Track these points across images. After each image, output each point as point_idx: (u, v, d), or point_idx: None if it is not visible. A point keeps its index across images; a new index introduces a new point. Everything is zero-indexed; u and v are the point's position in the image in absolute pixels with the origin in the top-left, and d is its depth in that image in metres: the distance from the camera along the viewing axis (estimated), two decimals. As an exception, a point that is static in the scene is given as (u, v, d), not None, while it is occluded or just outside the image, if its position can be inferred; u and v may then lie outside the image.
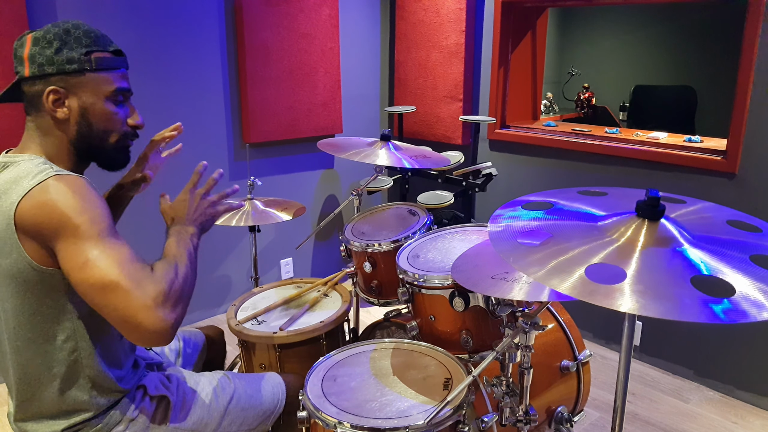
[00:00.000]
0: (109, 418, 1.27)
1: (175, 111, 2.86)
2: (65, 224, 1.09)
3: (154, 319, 1.06)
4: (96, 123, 1.24)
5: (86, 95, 1.22)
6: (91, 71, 1.21)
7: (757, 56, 2.21)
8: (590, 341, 2.94)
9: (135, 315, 1.05)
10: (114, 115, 1.26)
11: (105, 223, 1.13)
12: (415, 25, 3.39)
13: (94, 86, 1.22)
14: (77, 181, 1.14)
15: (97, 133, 1.25)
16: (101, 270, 1.07)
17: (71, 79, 1.20)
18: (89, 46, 1.21)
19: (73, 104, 1.22)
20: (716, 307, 0.81)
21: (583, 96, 4.71)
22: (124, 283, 1.06)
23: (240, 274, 3.29)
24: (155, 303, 1.07)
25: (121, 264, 1.08)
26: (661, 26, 4.96)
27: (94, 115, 1.23)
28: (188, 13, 2.82)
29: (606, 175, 2.76)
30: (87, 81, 1.21)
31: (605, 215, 1.06)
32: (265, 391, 1.50)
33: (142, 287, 1.07)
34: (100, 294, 1.07)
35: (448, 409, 1.25)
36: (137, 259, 1.12)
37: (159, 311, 1.07)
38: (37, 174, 1.13)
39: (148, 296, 1.06)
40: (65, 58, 1.18)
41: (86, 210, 1.11)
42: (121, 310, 1.06)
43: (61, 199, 1.10)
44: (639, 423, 2.31)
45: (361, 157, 1.93)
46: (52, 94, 1.19)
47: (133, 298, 1.05)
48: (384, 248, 1.84)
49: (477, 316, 1.52)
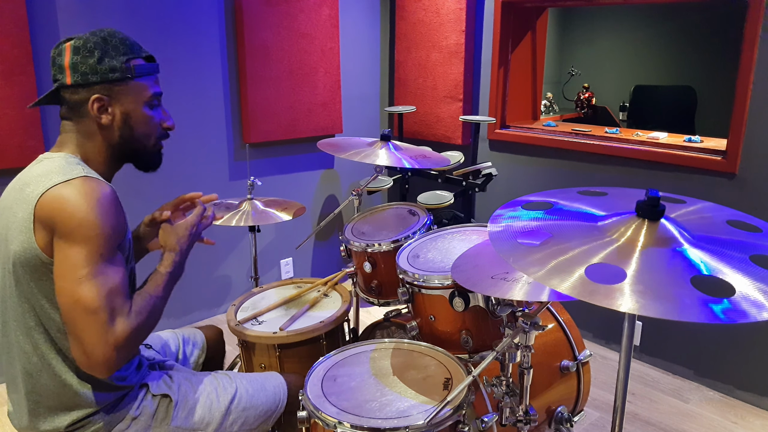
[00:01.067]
0: (111, 416, 1.27)
1: (175, 111, 2.86)
2: (78, 230, 1.12)
3: (108, 358, 1.11)
4: (137, 127, 1.31)
5: (128, 102, 1.28)
6: (132, 79, 1.27)
7: (757, 56, 2.21)
8: (590, 341, 2.94)
9: (94, 345, 1.10)
10: (152, 119, 1.34)
11: (113, 243, 1.17)
12: (415, 25, 3.39)
13: (135, 93, 1.29)
14: (105, 190, 1.18)
15: (138, 137, 1.33)
16: (90, 292, 1.11)
17: (114, 87, 1.26)
18: (127, 54, 1.27)
19: (116, 111, 1.28)
20: (716, 307, 0.81)
21: (583, 96, 4.71)
22: (102, 313, 1.11)
23: (240, 274, 3.29)
24: (116, 343, 1.12)
25: (108, 294, 1.12)
26: (661, 26, 4.95)
27: (135, 120, 1.30)
28: (188, 13, 2.82)
29: (606, 175, 2.76)
30: (129, 88, 1.28)
31: (605, 215, 1.06)
32: (266, 391, 1.51)
33: (114, 324, 1.12)
34: (76, 312, 1.11)
35: (448, 409, 1.25)
36: (123, 292, 1.16)
37: (114, 351, 1.12)
38: (69, 171, 1.18)
39: (113, 335, 1.11)
40: (108, 67, 1.24)
41: (103, 225, 1.14)
42: (84, 335, 1.11)
43: (83, 204, 1.13)
44: (639, 423, 2.31)
45: (361, 157, 1.93)
46: (96, 102, 1.25)
47: (102, 332, 1.11)
48: (384, 248, 1.84)
49: (477, 316, 1.52)
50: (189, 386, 1.41)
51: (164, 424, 1.33)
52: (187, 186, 2.95)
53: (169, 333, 1.72)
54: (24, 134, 2.34)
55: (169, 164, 2.88)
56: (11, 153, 2.32)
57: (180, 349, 1.69)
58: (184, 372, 1.48)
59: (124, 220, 1.23)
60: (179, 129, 2.88)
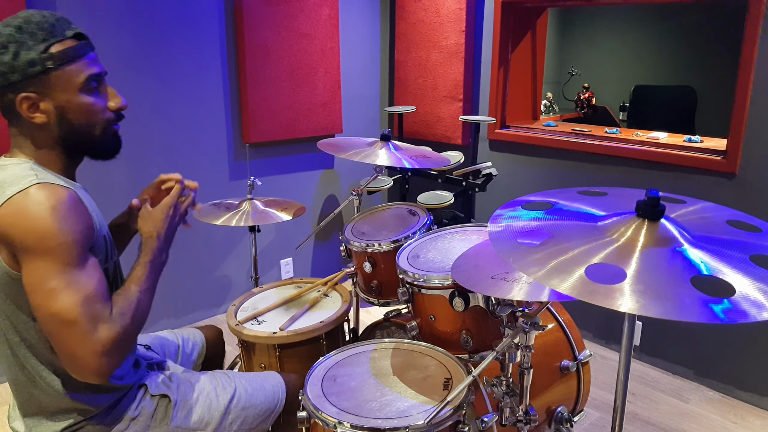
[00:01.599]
0: (110, 417, 1.27)
1: (175, 111, 2.86)
2: (39, 243, 1.06)
3: (98, 365, 1.08)
4: (76, 119, 1.18)
5: (58, 94, 1.15)
6: (54, 69, 1.13)
7: (757, 56, 2.21)
8: (590, 341, 2.94)
9: (83, 357, 1.07)
10: (92, 107, 1.19)
11: (79, 249, 1.10)
12: (415, 25, 3.39)
13: (64, 82, 1.15)
14: (60, 195, 1.11)
15: (80, 129, 1.20)
16: (64, 304, 1.06)
17: (38, 82, 1.13)
18: (47, 40, 1.12)
19: (48, 106, 1.16)
20: (716, 307, 0.81)
21: (583, 96, 4.71)
22: (81, 322, 1.06)
23: (240, 274, 3.29)
24: (103, 350, 1.08)
25: (84, 302, 1.07)
26: (661, 26, 4.95)
27: (71, 111, 1.17)
28: (188, 13, 2.82)
29: (606, 175, 2.76)
30: (54, 79, 1.13)
31: (605, 215, 1.06)
32: (265, 391, 1.50)
33: (98, 331, 1.08)
34: (56, 326, 1.07)
35: (448, 409, 1.25)
36: (100, 297, 1.11)
37: (104, 358, 1.08)
38: (21, 181, 1.11)
39: (99, 342, 1.08)
40: (26, 61, 1.10)
41: (62, 232, 1.08)
42: (70, 347, 1.07)
43: (38, 215, 1.07)
44: (639, 423, 2.31)
45: (361, 157, 1.93)
46: (25, 102, 1.13)
47: (85, 341, 1.07)
48: (384, 248, 1.84)
49: (477, 316, 1.52)
50: (188, 386, 1.41)
51: (163, 424, 1.32)
52: (187, 186, 2.95)
53: (169, 333, 1.72)
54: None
55: (169, 164, 2.88)
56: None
57: (180, 349, 1.69)
58: (182, 372, 1.47)
59: (89, 220, 1.16)
60: (179, 129, 2.89)
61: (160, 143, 2.83)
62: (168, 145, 2.87)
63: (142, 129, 2.76)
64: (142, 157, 2.76)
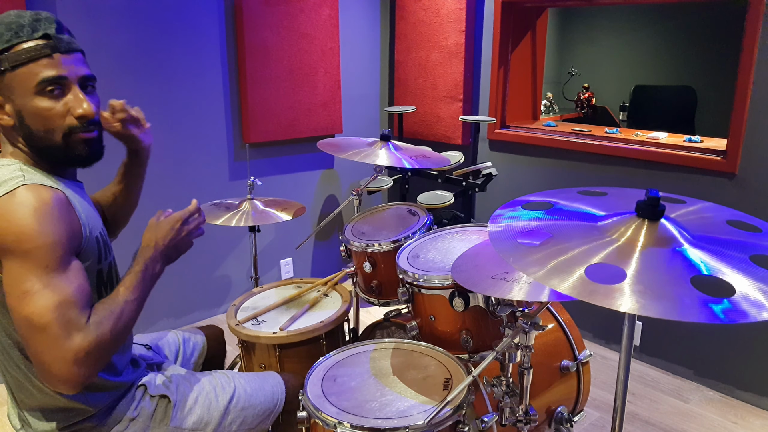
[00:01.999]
0: (108, 418, 1.27)
1: (175, 111, 2.86)
2: (17, 244, 1.04)
3: (67, 374, 1.03)
4: (33, 124, 1.14)
5: (15, 97, 1.12)
6: (8, 70, 1.10)
7: (757, 56, 2.21)
8: (590, 341, 2.94)
9: (51, 363, 1.03)
10: (47, 111, 1.13)
11: (59, 252, 1.07)
12: (415, 25, 3.39)
13: (19, 85, 1.11)
14: (44, 196, 1.09)
15: (39, 134, 1.14)
16: (36, 308, 1.02)
17: None
18: (9, 41, 1.09)
19: (10, 109, 1.13)
20: (716, 307, 0.81)
21: (583, 96, 4.71)
22: (52, 328, 1.02)
23: (240, 274, 3.29)
24: (75, 358, 1.03)
25: (58, 307, 1.03)
26: (661, 26, 4.95)
27: (28, 115, 1.13)
28: (188, 13, 2.82)
29: (606, 175, 2.76)
30: (8, 82, 1.11)
31: (605, 215, 1.06)
32: (264, 391, 1.50)
33: (70, 339, 1.03)
34: (27, 330, 1.04)
35: (448, 409, 1.25)
36: (77, 303, 1.06)
37: (74, 367, 1.03)
38: (8, 182, 1.09)
39: (71, 350, 1.03)
40: None
41: (43, 234, 1.05)
42: (40, 353, 1.03)
43: (19, 216, 1.05)
44: (639, 423, 2.31)
45: (361, 157, 1.93)
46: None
47: (55, 348, 1.02)
48: (384, 248, 1.84)
49: (477, 316, 1.52)
50: (187, 386, 1.41)
51: (163, 424, 1.32)
52: (186, 186, 2.95)
53: (170, 333, 1.72)
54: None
55: (169, 164, 2.88)
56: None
57: (180, 349, 1.69)
58: (182, 372, 1.47)
59: (75, 223, 1.13)
60: (179, 129, 2.89)
61: (160, 143, 2.83)
62: (168, 145, 2.86)
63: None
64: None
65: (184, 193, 2.95)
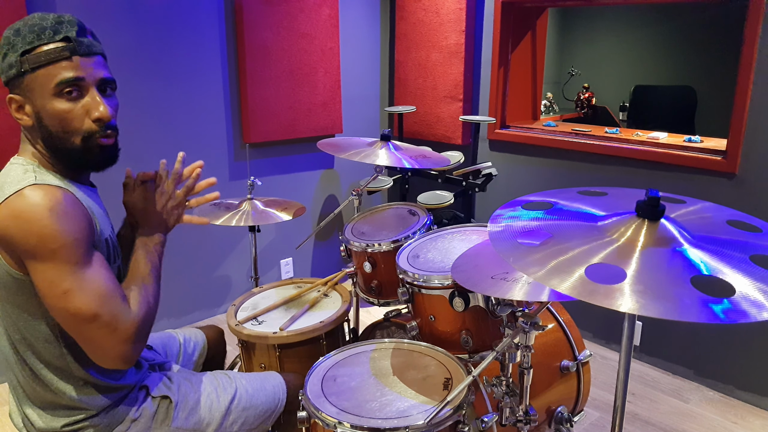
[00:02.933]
0: (110, 418, 1.27)
1: (175, 111, 2.86)
2: (42, 246, 1.06)
3: (127, 353, 1.14)
4: (51, 125, 1.15)
5: (35, 98, 1.14)
6: (29, 72, 1.12)
7: (757, 56, 2.21)
8: (590, 341, 2.94)
9: (113, 348, 1.12)
10: (66, 113, 1.14)
11: (83, 248, 1.11)
12: (415, 25, 3.39)
13: (39, 86, 1.13)
14: (55, 195, 1.10)
15: (58, 136, 1.16)
16: (83, 303, 1.09)
17: (19, 84, 1.14)
18: (31, 43, 1.12)
19: (29, 110, 1.16)
20: (716, 307, 0.81)
21: (583, 96, 4.71)
22: (105, 317, 1.10)
23: (240, 274, 3.29)
24: (130, 338, 1.13)
25: (101, 297, 1.10)
26: (661, 26, 4.95)
27: (46, 117, 1.15)
28: (188, 13, 2.82)
29: (606, 175, 2.76)
30: (28, 83, 1.13)
31: (605, 215, 1.06)
32: (266, 391, 1.50)
33: (121, 322, 1.12)
34: (77, 324, 1.10)
35: (448, 409, 1.25)
36: (114, 289, 1.14)
37: (132, 346, 1.14)
38: (19, 182, 1.11)
39: (125, 332, 1.12)
40: (7, 64, 1.13)
41: (65, 232, 1.08)
42: (97, 341, 1.12)
43: (36, 217, 1.06)
44: (639, 423, 2.31)
45: (361, 157, 1.93)
46: (13, 103, 1.16)
47: (109, 334, 1.11)
48: (384, 248, 1.84)
49: (477, 316, 1.52)
50: (189, 387, 1.41)
51: (164, 425, 1.32)
52: (187, 186, 2.95)
53: (170, 333, 1.72)
54: (24, 134, 2.34)
55: (169, 164, 2.87)
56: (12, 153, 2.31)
57: (181, 349, 1.69)
58: (183, 373, 1.47)
59: (87, 218, 1.15)
60: (179, 129, 2.89)
61: (160, 143, 2.83)
62: (168, 145, 2.86)
63: (142, 129, 2.76)
64: (142, 157, 2.75)
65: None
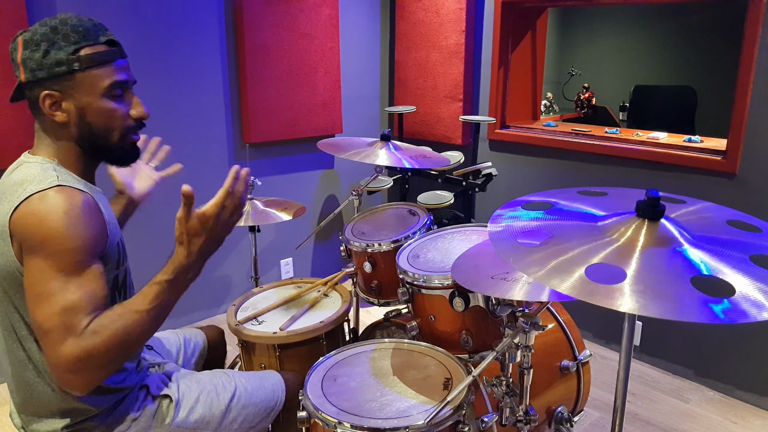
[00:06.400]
0: (111, 418, 1.27)
1: (175, 111, 2.86)
2: (42, 245, 1.07)
3: (64, 379, 1.06)
4: (95, 123, 1.20)
5: (81, 95, 1.18)
6: (81, 71, 1.16)
7: (757, 56, 2.21)
8: (590, 341, 2.94)
9: (52, 367, 1.07)
10: (113, 112, 1.21)
11: (79, 257, 1.09)
12: (415, 25, 3.39)
13: (88, 85, 1.17)
14: (75, 199, 1.12)
15: (99, 133, 1.21)
16: (44, 312, 1.05)
17: (63, 82, 1.16)
18: (78, 43, 1.16)
19: (70, 106, 1.18)
20: (716, 307, 0.81)
21: (583, 96, 4.71)
22: (53, 333, 1.04)
23: (240, 274, 3.29)
24: (66, 364, 1.04)
25: (62, 312, 1.05)
26: (661, 26, 4.95)
27: (92, 114, 1.19)
28: (188, 13, 2.82)
29: (606, 175, 2.76)
30: (79, 81, 1.17)
31: (605, 215, 1.06)
32: (265, 389, 1.51)
33: (64, 345, 1.03)
34: (37, 332, 1.09)
35: (448, 409, 1.25)
36: (83, 308, 1.06)
37: (67, 374, 1.05)
38: (42, 181, 1.13)
39: (62, 356, 1.03)
40: (53, 61, 1.14)
41: (69, 238, 1.08)
42: (46, 356, 1.08)
43: (50, 217, 1.08)
44: (639, 423, 2.31)
45: (361, 157, 1.93)
46: (47, 99, 1.17)
47: (52, 352, 1.04)
48: (384, 248, 1.84)
49: (477, 316, 1.52)
50: (189, 385, 1.41)
51: (165, 423, 1.33)
52: (187, 186, 2.95)
53: (171, 333, 1.72)
54: (24, 134, 2.34)
55: (169, 164, 2.87)
56: (11, 153, 2.32)
57: (181, 349, 1.69)
58: (183, 372, 1.48)
59: (102, 227, 1.16)
60: (179, 129, 2.89)
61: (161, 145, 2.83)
62: (168, 145, 2.86)
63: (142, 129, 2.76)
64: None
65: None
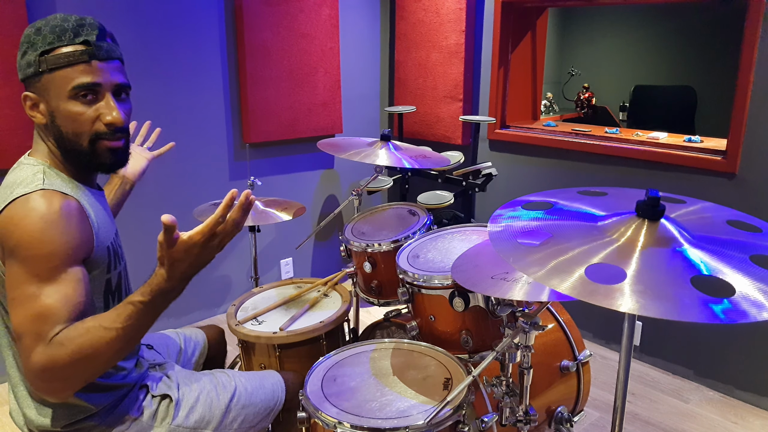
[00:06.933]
0: (111, 417, 1.27)
1: (175, 111, 2.86)
2: (18, 250, 1.06)
3: (35, 385, 1.05)
4: (63, 126, 1.16)
5: (50, 98, 1.15)
6: (47, 72, 1.13)
7: (757, 56, 2.21)
8: (590, 341, 2.94)
9: (25, 372, 1.05)
10: (78, 116, 1.15)
11: (55, 262, 1.07)
12: (415, 25, 3.39)
13: (54, 87, 1.14)
14: (54, 204, 1.10)
15: (68, 137, 1.17)
16: (17, 317, 1.05)
17: (35, 83, 1.15)
18: (51, 43, 1.13)
19: (44, 109, 1.17)
20: (716, 307, 0.81)
21: (583, 96, 4.71)
22: (25, 339, 1.03)
23: (240, 274, 3.29)
24: (35, 372, 1.02)
25: (34, 318, 1.03)
26: (661, 26, 4.95)
27: (59, 117, 1.16)
28: (188, 13, 2.82)
29: (606, 175, 2.76)
30: (45, 83, 1.14)
31: (605, 215, 1.06)
32: (265, 389, 1.51)
33: (33, 352, 1.02)
34: (13, 332, 1.08)
35: (448, 409, 1.25)
36: (54, 316, 1.04)
37: (38, 381, 1.04)
38: (29, 184, 1.12)
39: (31, 362, 1.02)
40: (25, 63, 1.14)
41: (44, 243, 1.06)
42: (20, 356, 1.07)
43: (26, 221, 1.07)
44: (639, 423, 2.31)
45: (361, 157, 1.93)
46: (27, 100, 1.17)
47: (24, 358, 1.04)
48: (384, 248, 1.84)
49: (477, 316, 1.52)
50: (189, 385, 1.41)
51: (165, 423, 1.33)
52: (186, 186, 2.95)
53: (171, 333, 1.72)
54: (24, 134, 2.34)
55: (169, 164, 2.88)
56: (11, 153, 2.32)
57: (181, 349, 1.69)
58: (183, 372, 1.48)
59: (85, 233, 1.14)
60: (180, 129, 2.88)
61: (160, 143, 2.82)
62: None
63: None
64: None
65: (183, 193, 2.95)
